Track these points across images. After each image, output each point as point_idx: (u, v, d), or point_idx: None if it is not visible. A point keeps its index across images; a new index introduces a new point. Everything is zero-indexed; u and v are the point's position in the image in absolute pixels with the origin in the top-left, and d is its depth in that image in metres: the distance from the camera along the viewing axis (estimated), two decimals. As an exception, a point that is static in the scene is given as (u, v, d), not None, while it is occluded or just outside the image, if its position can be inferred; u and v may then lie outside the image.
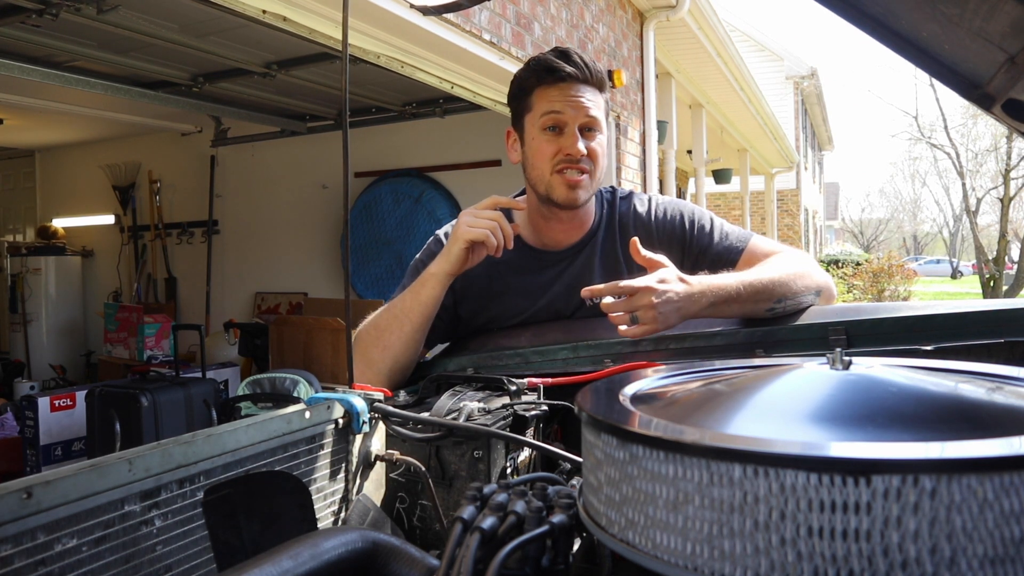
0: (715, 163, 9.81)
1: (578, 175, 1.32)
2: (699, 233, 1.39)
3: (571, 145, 1.31)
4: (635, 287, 1.10)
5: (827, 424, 0.51)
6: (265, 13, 2.66)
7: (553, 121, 1.32)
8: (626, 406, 0.58)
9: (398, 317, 1.30)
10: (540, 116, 1.33)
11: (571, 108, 1.31)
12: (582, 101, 1.31)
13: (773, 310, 1.20)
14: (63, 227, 7.47)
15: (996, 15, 0.61)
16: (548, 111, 1.32)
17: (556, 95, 1.32)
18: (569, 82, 1.31)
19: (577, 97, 1.31)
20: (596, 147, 1.33)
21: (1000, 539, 0.40)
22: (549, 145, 1.33)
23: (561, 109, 1.31)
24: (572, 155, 1.31)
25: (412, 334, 1.29)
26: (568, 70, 1.31)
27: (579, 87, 1.32)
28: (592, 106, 1.32)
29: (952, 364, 0.69)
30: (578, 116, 1.31)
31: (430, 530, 0.96)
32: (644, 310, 1.10)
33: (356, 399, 0.98)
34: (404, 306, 1.31)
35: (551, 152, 1.33)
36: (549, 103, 1.32)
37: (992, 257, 16.37)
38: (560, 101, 1.31)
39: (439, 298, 1.30)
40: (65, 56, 4.42)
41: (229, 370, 4.77)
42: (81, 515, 0.64)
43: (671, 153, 6.38)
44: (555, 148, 1.32)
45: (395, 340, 1.29)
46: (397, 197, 5.75)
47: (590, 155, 1.32)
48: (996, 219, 20.90)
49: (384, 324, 1.31)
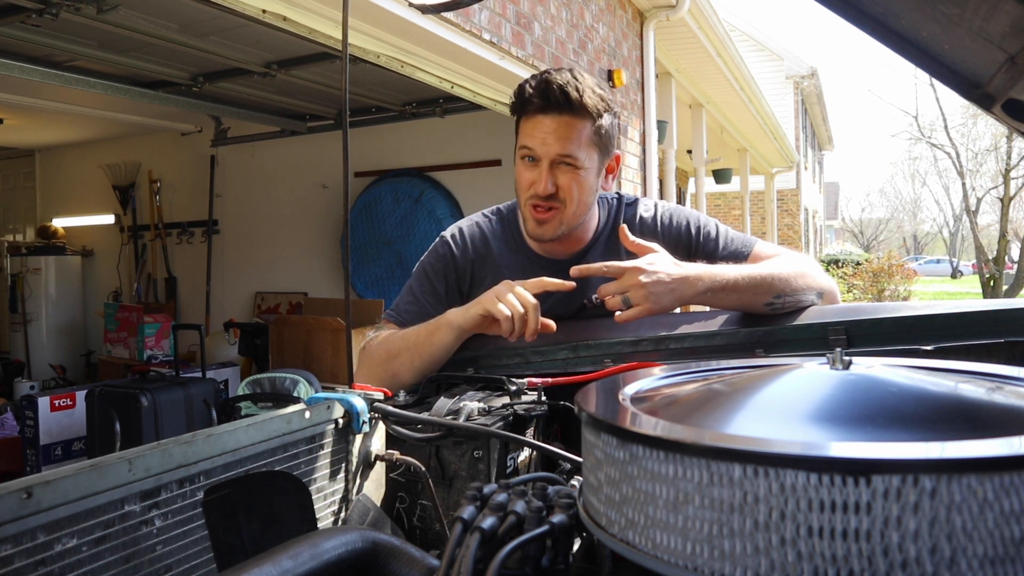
0: (715, 163, 9.81)
1: (544, 212, 1.31)
2: (705, 239, 1.39)
3: (537, 182, 1.29)
4: (623, 267, 1.10)
5: (827, 424, 0.51)
6: (265, 13, 2.66)
7: (527, 154, 1.31)
8: (626, 406, 0.58)
9: (409, 349, 1.26)
10: (519, 146, 1.33)
11: (540, 144, 1.28)
12: (553, 137, 1.27)
13: (772, 305, 1.19)
14: (63, 227, 7.47)
15: (996, 15, 0.61)
16: (523, 144, 1.31)
17: (531, 129, 1.29)
18: (548, 114, 1.27)
19: (550, 132, 1.27)
20: (569, 183, 1.29)
21: (1000, 539, 0.40)
22: (525, 175, 1.32)
23: (532, 145, 1.29)
24: (538, 192, 1.29)
25: (421, 369, 1.26)
26: (541, 103, 1.27)
27: (556, 119, 1.27)
28: (568, 140, 1.27)
29: (952, 364, 0.69)
30: (548, 150, 1.28)
31: (430, 530, 0.96)
32: (634, 290, 1.10)
33: (356, 399, 0.98)
34: (417, 341, 1.26)
35: (525, 183, 1.32)
36: (524, 135, 1.31)
37: (992, 257, 16.38)
38: (534, 136, 1.29)
39: (451, 348, 1.25)
40: (65, 56, 4.43)
41: (229, 370, 4.78)
42: (81, 515, 0.64)
43: (671, 153, 6.38)
44: (528, 180, 1.32)
45: (404, 371, 1.26)
46: (397, 197, 5.75)
47: (561, 191, 1.29)
48: (996, 219, 20.92)
49: (395, 352, 1.28)
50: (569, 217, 1.33)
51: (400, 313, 1.40)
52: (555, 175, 1.29)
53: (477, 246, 1.43)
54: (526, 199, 1.33)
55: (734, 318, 1.22)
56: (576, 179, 1.30)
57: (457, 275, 1.42)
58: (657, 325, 1.25)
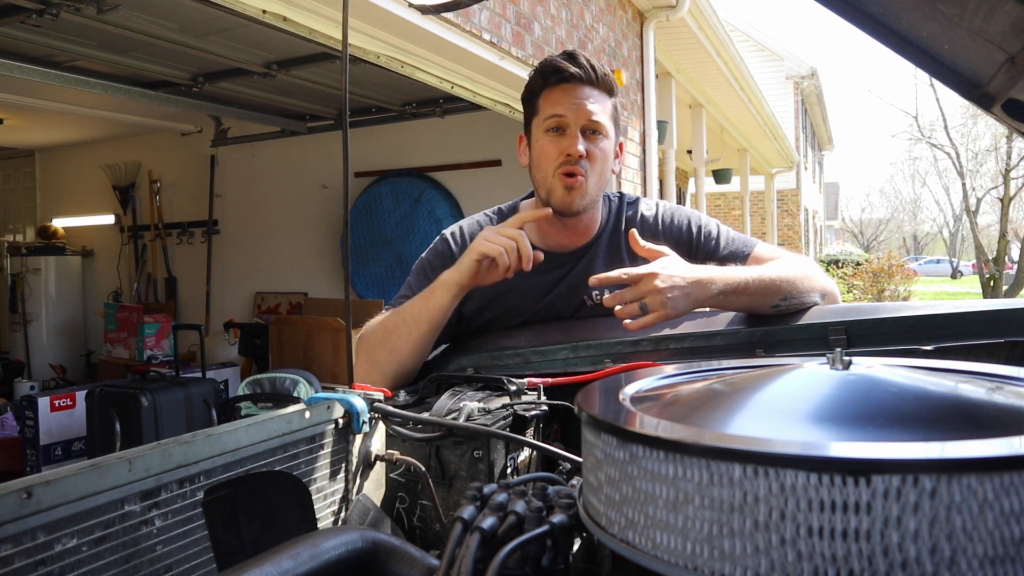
0: (715, 163, 9.80)
1: (574, 177, 1.32)
2: (706, 239, 1.40)
3: (571, 145, 1.30)
4: (640, 274, 1.10)
5: (827, 424, 0.51)
6: (265, 13, 2.66)
7: (556, 123, 1.32)
8: (626, 406, 0.58)
9: (407, 321, 1.27)
10: (544, 118, 1.33)
11: (573, 110, 1.31)
12: (585, 103, 1.31)
13: (778, 307, 1.20)
14: (63, 227, 7.46)
15: (996, 15, 0.61)
16: (552, 113, 1.32)
17: (560, 96, 1.32)
18: (574, 83, 1.31)
19: (580, 99, 1.31)
20: (596, 150, 1.32)
21: (1000, 539, 0.40)
22: (552, 146, 1.33)
23: (563, 111, 1.31)
24: (572, 154, 1.30)
25: (420, 339, 1.27)
26: (572, 71, 1.30)
27: (584, 89, 1.31)
28: (596, 109, 1.31)
29: (952, 364, 0.69)
30: (580, 118, 1.31)
31: (430, 530, 0.96)
32: (651, 296, 1.10)
33: (356, 399, 0.98)
34: (413, 311, 1.28)
35: (554, 153, 1.32)
36: (553, 105, 1.32)
37: (992, 257, 16.37)
38: (563, 103, 1.31)
39: (448, 307, 1.27)
40: (65, 56, 4.42)
41: (229, 370, 4.77)
42: (81, 515, 0.64)
43: (671, 153, 6.38)
44: (557, 149, 1.32)
45: (402, 344, 1.26)
46: (397, 197, 5.75)
47: (589, 157, 1.31)
48: (996, 219, 20.91)
49: (392, 327, 1.29)
50: (593, 187, 1.35)
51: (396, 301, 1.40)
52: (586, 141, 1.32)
53: None
54: (555, 168, 1.33)
55: (734, 318, 1.22)
56: (601, 147, 1.33)
57: None
58: (657, 325, 1.25)
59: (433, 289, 1.27)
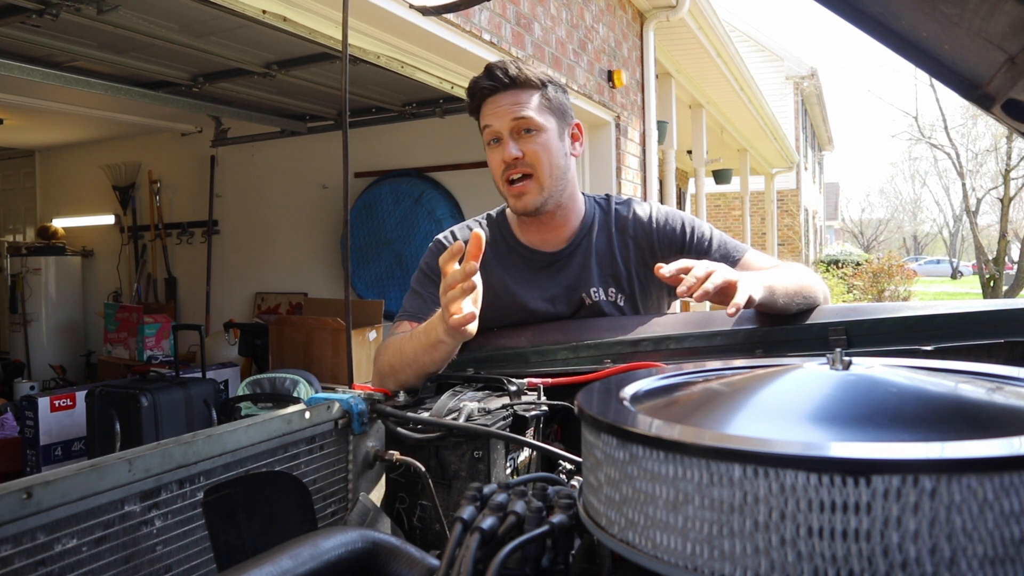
0: (715, 163, 9.80)
1: (520, 182, 1.34)
2: (698, 240, 1.40)
3: (504, 151, 1.34)
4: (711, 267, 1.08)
5: (827, 424, 0.51)
6: (265, 13, 2.66)
7: (490, 135, 1.36)
8: (626, 406, 0.58)
9: (410, 366, 1.22)
10: (484, 135, 1.38)
11: (496, 117, 1.34)
12: (506, 107, 1.33)
13: (788, 309, 1.20)
14: (63, 227, 7.46)
15: (996, 15, 0.61)
16: (484, 126, 1.37)
17: (487, 110, 1.36)
18: (495, 94, 1.35)
19: (501, 105, 1.34)
20: (533, 146, 1.34)
21: (1000, 539, 0.40)
22: (494, 157, 1.37)
23: (490, 122, 1.35)
24: (507, 161, 1.33)
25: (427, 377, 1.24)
26: (486, 84, 1.35)
27: (504, 95, 1.34)
28: (520, 108, 1.33)
29: (952, 364, 0.69)
30: (505, 122, 1.33)
31: (430, 530, 0.96)
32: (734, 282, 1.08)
33: (356, 399, 0.98)
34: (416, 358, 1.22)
35: (497, 164, 1.37)
36: (484, 119, 1.37)
37: (992, 257, 16.37)
38: (488, 115, 1.35)
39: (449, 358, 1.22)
40: (65, 56, 4.42)
41: (229, 370, 4.77)
42: (81, 515, 0.64)
43: (671, 153, 6.38)
44: (498, 159, 1.36)
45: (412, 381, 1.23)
46: (397, 197, 5.75)
47: (527, 156, 1.33)
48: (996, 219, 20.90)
49: (399, 366, 1.24)
50: (545, 181, 1.35)
51: (408, 311, 1.40)
52: (519, 143, 1.34)
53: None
54: (501, 179, 1.37)
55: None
56: (538, 142, 1.34)
57: None
58: (657, 325, 1.25)
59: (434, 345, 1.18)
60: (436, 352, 1.20)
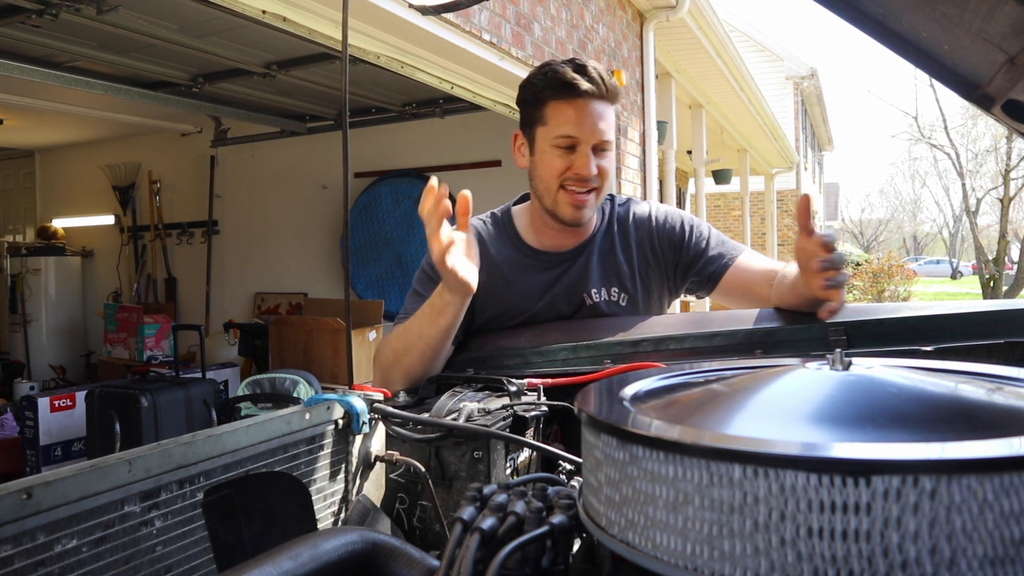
0: (715, 163, 9.80)
1: (585, 195, 1.33)
2: (697, 238, 1.41)
3: (584, 166, 1.30)
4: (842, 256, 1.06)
5: (827, 424, 0.51)
6: (265, 13, 2.66)
7: (568, 142, 1.31)
8: (626, 406, 0.58)
9: (416, 343, 1.24)
10: (554, 134, 1.32)
11: (587, 130, 1.30)
12: (597, 123, 1.30)
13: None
14: (63, 227, 7.46)
15: (996, 15, 0.61)
16: (563, 132, 1.31)
17: (571, 114, 1.30)
18: (585, 99, 1.29)
19: (592, 117, 1.30)
20: (606, 165, 1.33)
21: (1000, 540, 0.40)
22: (560, 161, 1.32)
23: (576, 132, 1.30)
24: (584, 176, 1.31)
25: (432, 359, 1.24)
26: (585, 87, 1.28)
27: (594, 104, 1.30)
28: (606, 127, 1.31)
29: (952, 364, 0.69)
30: (592, 138, 1.30)
31: (430, 530, 0.96)
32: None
33: (356, 400, 0.98)
34: (421, 332, 1.24)
35: (561, 168, 1.32)
36: (563, 122, 1.30)
37: (992, 257, 16.38)
38: (575, 122, 1.30)
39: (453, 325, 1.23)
40: (65, 56, 4.42)
41: (229, 370, 4.77)
42: (81, 515, 0.64)
43: (671, 153, 6.38)
44: (565, 165, 1.32)
45: (416, 364, 1.24)
46: (397, 197, 5.75)
47: (600, 174, 1.33)
48: (996, 219, 20.88)
49: (402, 349, 1.25)
50: (602, 197, 1.37)
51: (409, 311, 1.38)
52: (596, 159, 1.32)
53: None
54: (560, 183, 1.33)
55: (734, 318, 1.22)
56: (609, 159, 1.35)
57: None
58: (657, 325, 1.25)
59: (438, 311, 1.22)
60: (442, 317, 1.20)
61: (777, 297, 1.26)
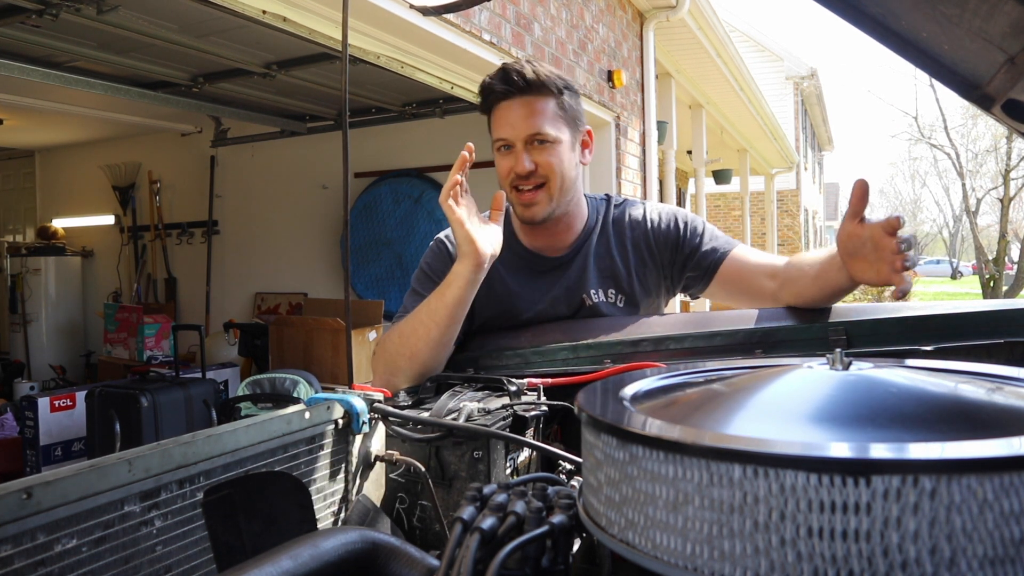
0: (715, 163, 9.81)
1: (530, 191, 1.33)
2: (692, 233, 1.42)
3: (517, 164, 1.32)
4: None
5: (827, 424, 0.51)
6: (265, 13, 2.66)
7: (501, 143, 1.34)
8: (626, 406, 0.58)
9: (423, 322, 1.24)
10: (494, 141, 1.36)
11: (511, 128, 1.31)
12: (523, 119, 1.31)
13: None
14: (63, 227, 7.46)
15: (996, 15, 0.61)
16: (496, 137, 1.35)
17: (501, 116, 1.33)
18: (510, 99, 1.31)
19: (515, 114, 1.31)
20: (547, 158, 1.32)
21: (1000, 539, 0.40)
22: (503, 163, 1.35)
23: (504, 133, 1.32)
24: (520, 172, 1.32)
25: (440, 338, 1.24)
26: (499, 88, 1.31)
27: (518, 101, 1.31)
28: (536, 121, 1.31)
29: (952, 364, 0.69)
30: (520, 134, 1.31)
31: (430, 530, 0.96)
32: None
33: (356, 399, 0.98)
34: (429, 308, 1.25)
35: (504, 171, 1.35)
36: (496, 127, 1.34)
37: (992, 257, 16.37)
38: (503, 123, 1.33)
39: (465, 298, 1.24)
40: (65, 56, 4.42)
41: (229, 370, 4.77)
42: (81, 515, 0.64)
43: (671, 153, 6.38)
44: (508, 167, 1.34)
45: (422, 346, 1.23)
46: (397, 197, 5.75)
47: (539, 167, 1.32)
48: (996, 219, 20.87)
49: (409, 331, 1.26)
50: (556, 192, 1.35)
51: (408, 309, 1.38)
52: (531, 154, 1.32)
53: None
54: (509, 186, 1.35)
55: (734, 318, 1.22)
56: (552, 153, 1.33)
57: None
58: (657, 325, 1.25)
59: (448, 283, 1.24)
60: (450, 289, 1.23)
61: (793, 293, 1.25)
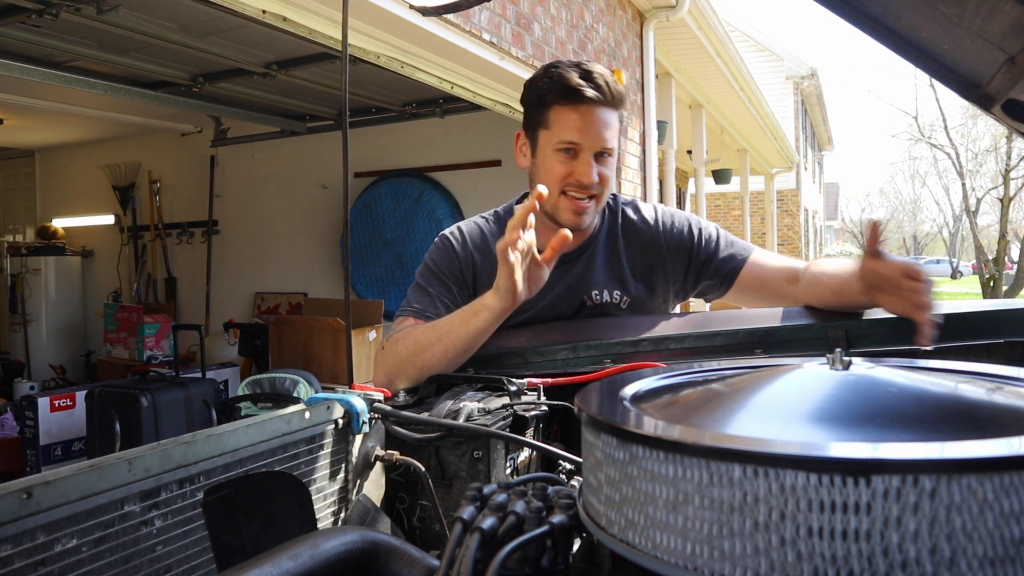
0: (715, 163, 9.80)
1: (586, 201, 1.32)
2: (706, 242, 1.41)
3: (585, 173, 1.29)
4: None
5: (827, 424, 0.51)
6: (265, 13, 2.66)
7: (569, 147, 1.30)
8: (626, 406, 0.58)
9: (443, 340, 1.22)
10: (556, 139, 1.31)
11: (589, 137, 1.29)
12: (601, 130, 1.29)
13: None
14: (63, 227, 7.46)
15: (996, 15, 0.61)
16: (566, 138, 1.30)
17: (575, 120, 1.29)
18: (589, 105, 1.28)
19: (596, 124, 1.29)
20: (607, 172, 1.32)
21: (1000, 539, 0.40)
22: (561, 166, 1.31)
23: (578, 139, 1.29)
24: (586, 184, 1.30)
25: (453, 361, 1.22)
26: (589, 94, 1.27)
27: (598, 110, 1.29)
28: (609, 133, 1.30)
29: (952, 364, 0.69)
30: (594, 145, 1.29)
31: (430, 530, 0.96)
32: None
33: (356, 399, 0.98)
34: (452, 331, 1.22)
35: (562, 174, 1.31)
36: (566, 128, 1.30)
37: (992, 257, 16.37)
38: (578, 128, 1.29)
39: (490, 331, 1.22)
40: (65, 56, 4.42)
41: (229, 370, 4.77)
42: (81, 515, 0.64)
43: (671, 153, 6.38)
44: (567, 171, 1.31)
45: (435, 363, 1.21)
46: (397, 197, 5.75)
47: (600, 181, 1.32)
48: (996, 219, 20.85)
49: (426, 344, 1.23)
50: (602, 203, 1.37)
51: (412, 305, 1.37)
52: (598, 166, 1.31)
53: (476, 242, 1.42)
54: (561, 189, 1.32)
55: (734, 318, 1.22)
56: (610, 167, 1.34)
57: (460, 265, 1.41)
58: (657, 325, 1.25)
59: (475, 312, 1.20)
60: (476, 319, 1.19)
61: (815, 298, 1.24)
